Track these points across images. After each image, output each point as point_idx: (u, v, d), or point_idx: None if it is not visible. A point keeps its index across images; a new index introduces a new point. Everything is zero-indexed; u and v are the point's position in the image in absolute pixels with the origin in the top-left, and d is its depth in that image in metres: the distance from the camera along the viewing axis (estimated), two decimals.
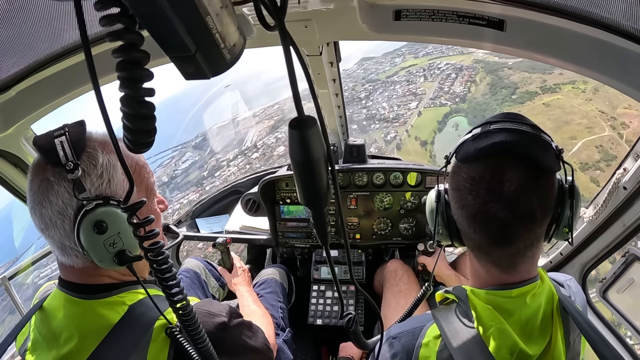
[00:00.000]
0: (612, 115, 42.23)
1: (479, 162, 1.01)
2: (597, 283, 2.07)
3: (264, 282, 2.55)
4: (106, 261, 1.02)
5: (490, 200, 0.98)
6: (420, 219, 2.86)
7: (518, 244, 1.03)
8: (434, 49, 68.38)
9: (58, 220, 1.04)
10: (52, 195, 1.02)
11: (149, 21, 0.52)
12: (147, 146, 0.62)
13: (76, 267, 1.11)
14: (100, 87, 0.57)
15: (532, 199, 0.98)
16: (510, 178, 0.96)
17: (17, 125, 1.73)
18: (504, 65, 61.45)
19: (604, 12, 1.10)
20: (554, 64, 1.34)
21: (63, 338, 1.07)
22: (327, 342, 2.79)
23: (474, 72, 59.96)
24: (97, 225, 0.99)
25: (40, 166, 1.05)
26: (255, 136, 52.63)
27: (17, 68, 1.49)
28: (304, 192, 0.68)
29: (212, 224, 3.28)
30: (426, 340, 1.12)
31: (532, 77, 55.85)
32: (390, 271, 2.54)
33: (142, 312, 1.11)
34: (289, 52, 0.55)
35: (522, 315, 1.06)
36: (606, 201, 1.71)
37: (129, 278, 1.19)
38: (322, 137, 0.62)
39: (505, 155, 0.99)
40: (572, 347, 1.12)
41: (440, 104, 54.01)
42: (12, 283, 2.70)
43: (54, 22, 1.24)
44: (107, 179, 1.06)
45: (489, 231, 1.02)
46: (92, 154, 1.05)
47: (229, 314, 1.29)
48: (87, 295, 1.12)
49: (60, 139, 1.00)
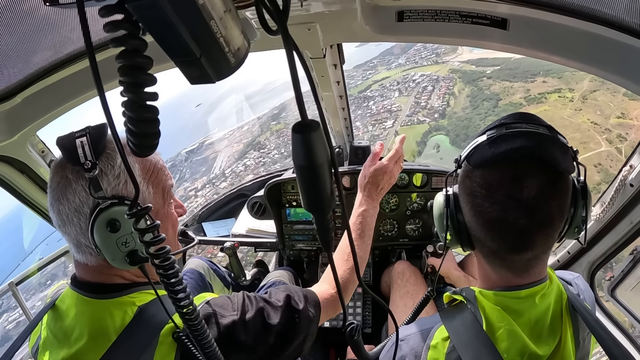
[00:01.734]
0: (606, 126, 40.36)
1: (496, 167, 0.97)
2: (605, 281, 2.05)
3: (273, 284, 2.54)
4: (118, 260, 1.04)
5: (509, 207, 0.94)
6: (426, 219, 2.85)
7: (536, 250, 1.01)
8: (407, 60, 65.59)
9: (74, 217, 1.06)
10: (70, 192, 1.05)
11: (153, 27, 0.52)
12: (151, 149, 0.63)
13: (90, 265, 1.13)
14: (105, 93, 0.58)
15: (551, 204, 0.95)
16: (530, 184, 0.93)
17: (23, 132, 1.75)
18: (482, 74, 58.50)
19: (606, 9, 1.10)
20: (558, 62, 1.33)
21: (74, 337, 1.09)
22: (335, 344, 2.78)
23: (452, 83, 57.00)
24: (111, 224, 1.01)
25: (61, 164, 1.08)
26: (224, 162, 52.00)
27: (23, 75, 1.50)
28: (307, 197, 0.66)
29: (218, 228, 3.29)
30: (434, 342, 1.10)
31: (514, 86, 53.16)
32: (397, 272, 2.53)
33: (152, 315, 1.11)
34: (292, 56, 0.55)
35: (532, 316, 1.05)
36: (613, 199, 1.70)
37: (141, 279, 1.20)
38: (325, 141, 0.61)
39: (524, 160, 0.94)
40: (582, 346, 1.11)
41: (418, 121, 50.99)
42: (19, 289, 2.72)
43: (59, 29, 1.25)
44: (124, 180, 1.08)
45: (508, 239, 0.99)
46: (111, 155, 1.07)
47: (240, 308, 1.21)
48: (98, 294, 1.13)
49: (82, 139, 1.03)
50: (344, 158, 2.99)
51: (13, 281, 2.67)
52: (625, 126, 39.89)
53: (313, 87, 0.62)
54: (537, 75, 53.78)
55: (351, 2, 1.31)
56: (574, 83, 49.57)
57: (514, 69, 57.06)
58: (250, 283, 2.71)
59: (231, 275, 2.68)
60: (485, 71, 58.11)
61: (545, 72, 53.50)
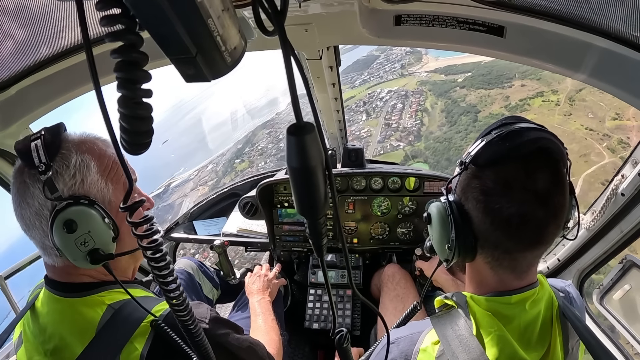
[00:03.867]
0: (603, 131, 37.44)
1: (510, 161, 0.98)
2: (594, 289, 2.07)
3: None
4: (79, 260, 1.04)
5: (526, 200, 0.96)
6: (417, 223, 2.86)
7: (548, 244, 1.03)
8: (370, 75, 63.06)
9: (36, 220, 1.07)
10: (29, 196, 1.05)
11: (149, 22, 0.52)
12: (145, 147, 0.62)
13: (57, 266, 1.14)
14: (101, 87, 0.57)
15: (560, 196, 0.98)
16: (542, 176, 0.95)
17: (16, 124, 1.73)
18: (453, 83, 54.31)
19: (603, 19, 1.11)
20: (553, 70, 1.34)
21: (48, 334, 1.11)
22: (324, 346, 2.79)
23: (422, 98, 52.77)
24: (67, 225, 1.01)
25: (19, 169, 1.08)
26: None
27: (18, 67, 1.49)
28: (300, 200, 0.65)
29: (209, 227, 3.27)
30: (424, 346, 1.10)
31: (490, 94, 49.40)
32: (387, 275, 2.54)
33: (128, 314, 1.12)
34: (288, 58, 0.54)
35: (522, 322, 1.06)
36: (604, 207, 1.71)
37: (109, 278, 1.20)
38: (320, 143, 0.60)
39: (538, 152, 0.97)
40: (570, 354, 1.11)
41: (392, 148, 46.84)
42: (8, 282, 2.69)
43: (55, 21, 1.24)
44: (80, 179, 1.08)
45: (526, 233, 0.99)
46: (66, 155, 1.07)
47: (212, 321, 1.26)
48: (67, 293, 1.15)
49: (36, 142, 1.03)
50: (337, 160, 2.99)
51: (2, 275, 2.64)
52: (624, 129, 37.77)
53: (308, 89, 0.62)
54: (513, 78, 50.55)
55: (349, 5, 1.32)
56: (556, 83, 46.35)
57: (486, 75, 53.49)
58: (239, 282, 2.70)
59: (220, 274, 2.68)
60: (456, 79, 54.65)
61: (522, 74, 50.01)
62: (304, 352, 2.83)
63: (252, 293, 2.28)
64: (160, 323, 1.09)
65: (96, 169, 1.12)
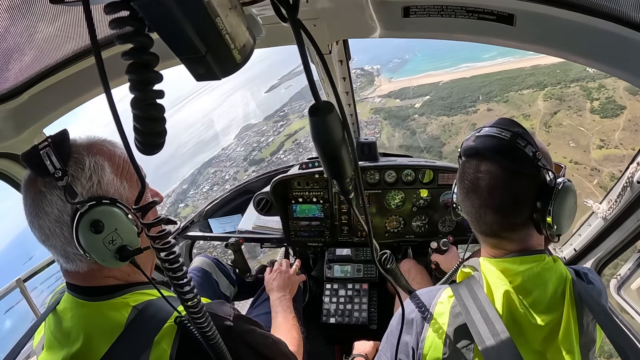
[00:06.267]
0: (591, 164, 32.35)
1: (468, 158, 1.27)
2: (612, 279, 2.04)
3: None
4: (108, 259, 1.04)
5: (472, 190, 1.25)
6: (432, 215, 2.84)
7: (494, 226, 1.25)
8: None
9: (57, 228, 1.06)
10: (47, 205, 1.05)
11: (158, 24, 0.52)
12: (158, 148, 0.63)
13: (81, 272, 1.14)
14: (111, 90, 0.58)
15: (502, 193, 1.19)
16: (484, 175, 1.20)
17: (30, 130, 1.76)
18: (410, 109, 48.21)
19: (613, 4, 1.08)
20: (564, 57, 1.33)
21: (72, 338, 1.11)
22: (341, 340, 2.79)
23: (377, 128, 47.60)
24: (94, 225, 1.01)
25: (31, 180, 1.08)
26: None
27: (29, 73, 1.51)
28: (330, 167, 0.77)
29: (224, 224, 3.30)
30: (442, 299, 1.29)
31: (454, 121, 43.59)
32: (403, 271, 2.53)
33: (151, 315, 1.13)
34: (303, 48, 0.59)
35: (528, 283, 1.19)
36: (620, 196, 1.68)
37: (133, 278, 1.21)
38: (339, 117, 0.69)
39: (486, 155, 1.21)
40: (585, 331, 1.18)
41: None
42: (27, 285, 2.74)
43: (65, 26, 1.25)
44: (97, 180, 1.08)
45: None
46: (79, 159, 1.08)
47: (236, 318, 1.27)
48: (92, 297, 1.15)
49: (45, 150, 1.03)
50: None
51: (20, 278, 2.70)
52: (614, 159, 32.41)
53: (328, 72, 0.72)
54: (476, 101, 45.43)
55: None
56: (526, 107, 41.76)
57: (446, 98, 48.21)
58: (255, 279, 2.72)
59: (236, 272, 2.70)
60: (413, 105, 49.85)
61: (486, 97, 44.81)
62: (321, 347, 2.84)
63: (272, 290, 2.28)
64: (185, 320, 1.09)
65: (110, 168, 1.12)
